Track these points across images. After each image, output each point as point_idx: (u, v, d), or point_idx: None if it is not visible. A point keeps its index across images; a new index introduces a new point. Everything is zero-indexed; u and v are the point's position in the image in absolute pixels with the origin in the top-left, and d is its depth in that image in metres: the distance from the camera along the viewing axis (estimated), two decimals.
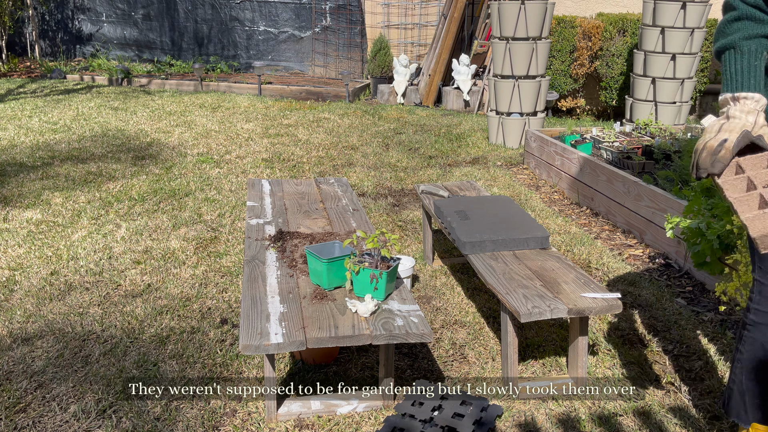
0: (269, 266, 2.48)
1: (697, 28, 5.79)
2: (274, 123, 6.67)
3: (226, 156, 5.41)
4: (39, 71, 9.39)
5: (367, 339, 2.04)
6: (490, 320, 2.90)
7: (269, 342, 1.98)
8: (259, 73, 8.29)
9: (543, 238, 2.68)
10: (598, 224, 4.13)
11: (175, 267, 3.33)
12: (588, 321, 2.37)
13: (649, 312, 2.98)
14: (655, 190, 3.66)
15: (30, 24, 10.08)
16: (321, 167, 5.14)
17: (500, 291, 2.31)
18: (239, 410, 2.24)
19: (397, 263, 2.29)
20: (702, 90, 7.06)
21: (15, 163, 5.08)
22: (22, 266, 3.31)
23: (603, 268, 3.42)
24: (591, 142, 4.89)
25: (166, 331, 2.72)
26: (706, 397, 2.36)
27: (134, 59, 10.13)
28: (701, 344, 2.72)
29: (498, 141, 6.04)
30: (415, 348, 2.66)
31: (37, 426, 2.15)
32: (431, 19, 8.78)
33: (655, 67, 6.00)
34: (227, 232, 3.80)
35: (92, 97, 7.75)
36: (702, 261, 2.88)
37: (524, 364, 2.57)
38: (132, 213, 4.07)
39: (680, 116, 6.14)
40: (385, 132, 6.40)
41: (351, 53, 9.29)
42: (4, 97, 7.59)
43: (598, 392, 2.37)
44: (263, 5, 9.49)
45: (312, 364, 2.51)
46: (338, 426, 2.16)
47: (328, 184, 3.52)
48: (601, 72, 7.18)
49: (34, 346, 2.60)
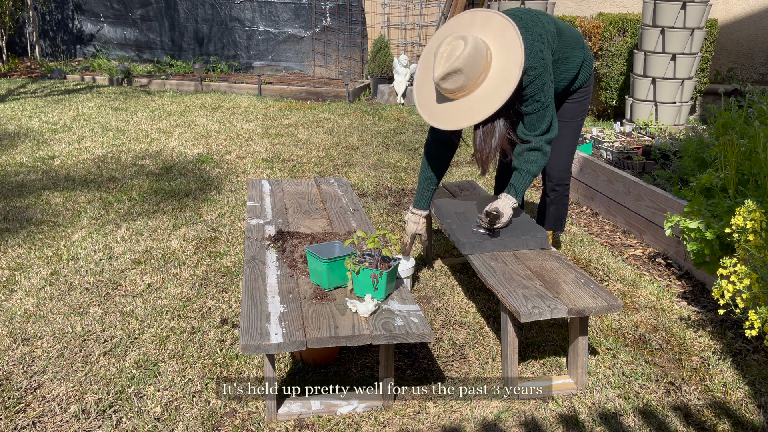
0: (269, 266, 2.48)
1: (697, 28, 5.79)
2: (274, 123, 6.67)
3: (226, 156, 5.41)
4: (39, 71, 9.39)
5: (367, 339, 2.04)
6: (490, 320, 2.90)
7: (269, 342, 1.98)
8: (259, 73, 8.29)
9: (543, 239, 2.68)
10: (598, 224, 4.13)
11: (175, 267, 3.33)
12: (588, 321, 2.37)
13: (649, 312, 2.98)
14: (655, 190, 3.66)
15: (30, 24, 10.08)
16: (321, 167, 5.14)
17: (500, 291, 2.31)
18: (239, 410, 2.24)
19: (397, 263, 2.29)
20: (702, 90, 7.06)
21: (15, 163, 5.08)
22: (22, 266, 3.31)
23: (603, 268, 3.42)
24: (591, 142, 4.89)
25: (166, 331, 2.72)
26: (707, 397, 2.36)
27: (134, 59, 10.13)
28: (701, 344, 2.72)
29: None
30: (415, 348, 2.66)
31: (37, 426, 2.15)
32: (431, 19, 8.78)
33: (655, 68, 6.00)
34: (227, 232, 3.80)
35: (92, 97, 7.75)
36: (702, 261, 2.88)
37: (524, 364, 2.57)
38: (132, 213, 4.08)
39: (680, 116, 6.14)
40: (385, 132, 6.40)
41: (351, 53, 9.29)
42: (4, 98, 7.59)
43: (598, 392, 2.37)
44: (263, 5, 9.49)
45: (312, 364, 2.51)
46: (338, 426, 2.16)
47: (328, 184, 3.52)
48: (601, 72, 7.17)
49: (34, 346, 2.60)
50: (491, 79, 2.49)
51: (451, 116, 2.55)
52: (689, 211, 2.93)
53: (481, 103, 2.48)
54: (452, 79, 2.46)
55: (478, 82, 2.48)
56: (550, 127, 2.68)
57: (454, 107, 2.54)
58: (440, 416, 2.23)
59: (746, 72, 7.65)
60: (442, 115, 2.57)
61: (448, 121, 2.56)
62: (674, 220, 3.00)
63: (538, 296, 2.26)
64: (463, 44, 2.44)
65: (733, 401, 2.34)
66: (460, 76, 2.45)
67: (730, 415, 2.27)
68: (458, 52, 2.43)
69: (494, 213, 2.64)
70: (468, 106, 2.51)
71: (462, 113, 2.52)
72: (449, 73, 2.44)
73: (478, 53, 2.44)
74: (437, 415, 2.24)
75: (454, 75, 2.44)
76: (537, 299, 2.24)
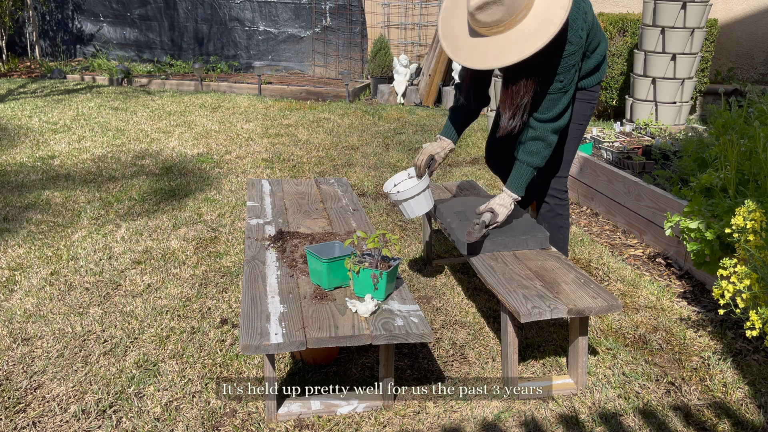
0: (269, 266, 2.48)
1: (697, 28, 5.79)
2: (274, 123, 6.67)
3: (226, 156, 5.41)
4: (39, 71, 9.39)
5: (367, 339, 2.04)
6: (490, 320, 2.90)
7: (269, 342, 1.98)
8: (259, 73, 8.29)
9: (543, 239, 2.68)
10: (598, 224, 4.13)
11: (175, 267, 3.33)
12: (588, 321, 2.37)
13: (649, 312, 2.98)
14: (655, 190, 3.66)
15: (30, 24, 10.08)
16: (321, 167, 5.14)
17: (500, 291, 2.31)
18: (239, 410, 2.24)
19: (397, 263, 2.29)
20: (702, 90, 7.06)
21: (15, 162, 5.08)
22: (22, 266, 3.31)
23: (603, 268, 3.42)
24: (591, 142, 4.89)
25: (166, 331, 2.72)
26: (707, 397, 2.36)
27: (134, 59, 10.13)
28: (701, 344, 2.72)
29: None
30: (415, 348, 2.66)
31: (37, 426, 2.15)
32: (431, 19, 8.78)
33: (656, 67, 6.00)
34: (227, 232, 3.80)
35: (92, 97, 7.75)
36: (702, 261, 2.88)
37: (524, 364, 2.57)
38: (132, 213, 4.07)
39: (680, 116, 6.14)
40: (385, 132, 6.40)
41: (351, 53, 9.29)
42: (4, 97, 7.59)
43: (598, 392, 2.37)
44: (263, 5, 9.49)
45: (312, 364, 2.51)
46: (338, 426, 2.16)
47: (328, 184, 3.52)
48: None
49: (34, 346, 2.60)
50: (532, 18, 2.24)
51: (480, 53, 2.29)
52: (689, 211, 2.93)
53: (518, 44, 2.24)
54: (491, 10, 2.21)
55: (518, 19, 2.24)
56: (562, 115, 2.50)
57: (485, 43, 2.29)
58: (440, 416, 2.23)
59: (746, 72, 7.65)
60: (470, 51, 2.31)
61: (476, 58, 2.30)
62: (674, 220, 3.00)
63: (538, 296, 2.26)
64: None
65: (734, 401, 2.34)
66: (500, 7, 2.21)
67: (730, 415, 2.27)
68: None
69: (490, 212, 2.58)
70: (503, 44, 2.26)
71: (494, 51, 2.26)
72: (488, 2, 2.20)
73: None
74: (437, 415, 2.24)
75: (494, 5, 2.20)
76: (537, 299, 2.24)
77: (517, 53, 2.23)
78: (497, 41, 2.27)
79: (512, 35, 2.25)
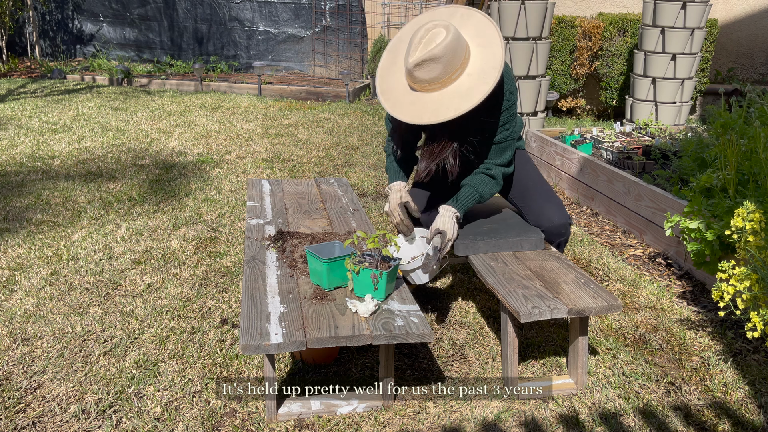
0: (269, 266, 2.48)
1: (697, 28, 5.79)
2: (274, 123, 6.67)
3: (226, 156, 5.41)
4: (39, 71, 9.39)
5: (367, 339, 2.04)
6: (490, 320, 2.90)
7: (269, 342, 1.98)
8: (259, 73, 8.29)
9: (538, 240, 2.68)
10: (598, 224, 4.13)
11: (175, 267, 3.33)
12: (588, 321, 2.37)
13: (649, 312, 2.98)
14: (655, 190, 3.66)
15: (30, 24, 10.08)
16: (321, 167, 5.14)
17: (500, 291, 2.31)
18: (239, 410, 2.24)
19: (397, 263, 2.29)
20: (702, 90, 7.06)
21: (15, 163, 5.08)
22: (22, 266, 3.31)
23: (603, 268, 3.42)
24: (591, 142, 4.89)
25: (166, 331, 2.72)
26: (707, 397, 2.36)
27: (134, 59, 10.13)
28: (701, 344, 2.72)
29: None
30: (415, 348, 2.66)
31: (37, 426, 2.15)
32: None
33: (656, 67, 6.00)
34: (227, 232, 3.80)
35: (92, 97, 7.75)
36: (702, 261, 2.88)
37: (524, 364, 2.57)
38: (132, 213, 4.07)
39: (680, 116, 6.14)
40: (385, 132, 6.40)
41: (351, 53, 9.29)
42: (4, 98, 7.59)
43: (598, 392, 2.37)
44: (263, 5, 9.49)
45: (312, 364, 2.51)
46: (338, 426, 2.16)
47: (328, 184, 3.52)
48: (602, 72, 7.18)
49: (34, 346, 2.60)
50: (468, 77, 2.32)
51: (418, 109, 2.34)
52: (689, 211, 2.93)
53: (454, 101, 2.30)
54: (428, 67, 2.28)
55: (453, 78, 2.32)
56: (511, 162, 2.65)
57: (423, 99, 2.35)
58: (440, 416, 2.23)
59: (746, 72, 7.65)
60: (407, 108, 2.36)
61: (413, 113, 2.35)
62: (674, 220, 3.00)
63: (538, 296, 2.26)
64: (445, 33, 2.28)
65: (734, 401, 2.34)
66: (437, 65, 2.27)
67: (730, 415, 2.27)
68: (439, 39, 2.26)
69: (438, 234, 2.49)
70: (440, 101, 2.32)
71: (432, 107, 2.32)
72: (426, 60, 2.26)
73: (458, 45, 2.29)
74: (437, 415, 2.24)
75: (431, 63, 2.27)
76: (537, 299, 2.24)
77: (454, 109, 2.30)
78: (434, 98, 2.34)
79: (448, 92, 2.33)
